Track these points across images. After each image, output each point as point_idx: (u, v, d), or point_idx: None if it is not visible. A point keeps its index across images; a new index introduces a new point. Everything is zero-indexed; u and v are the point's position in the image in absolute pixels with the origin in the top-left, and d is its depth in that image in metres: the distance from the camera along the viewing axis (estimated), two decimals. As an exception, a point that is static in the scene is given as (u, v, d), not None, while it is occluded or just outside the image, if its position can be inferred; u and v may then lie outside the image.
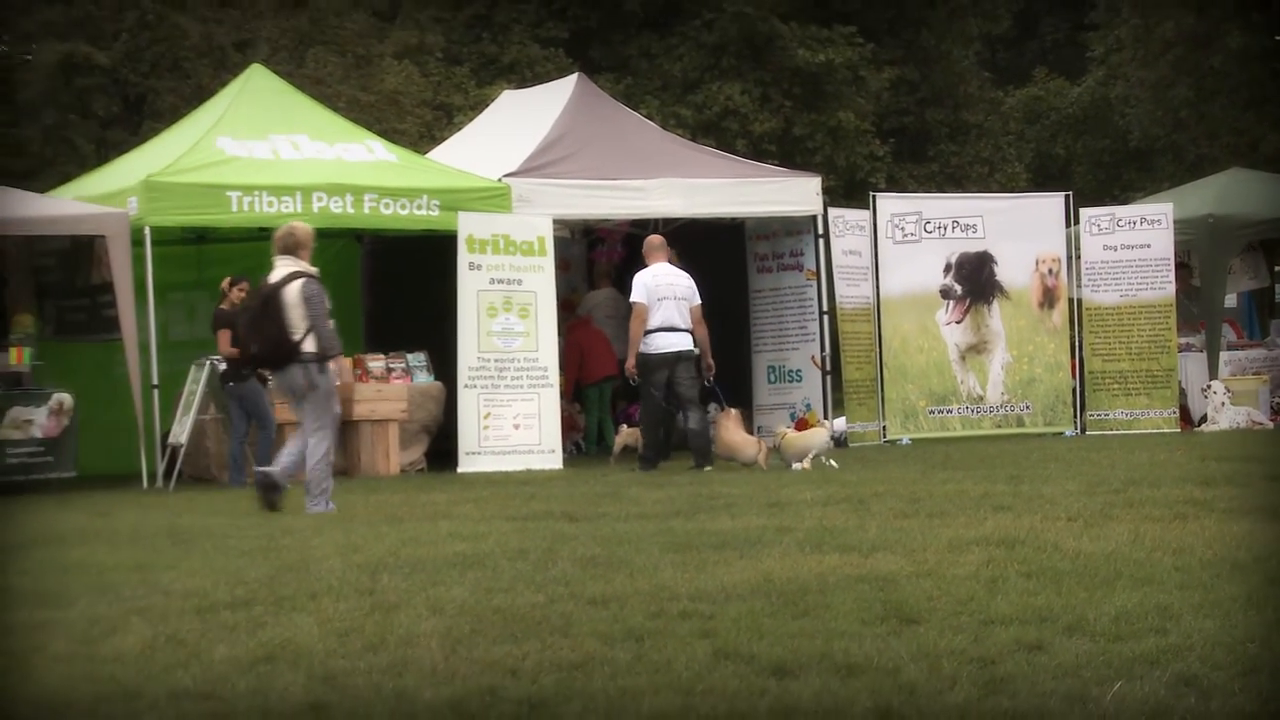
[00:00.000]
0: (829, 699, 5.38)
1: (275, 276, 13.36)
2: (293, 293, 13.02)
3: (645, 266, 17.17)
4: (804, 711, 5.23)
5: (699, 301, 17.08)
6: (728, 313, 20.17)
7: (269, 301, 13.19)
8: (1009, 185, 35.88)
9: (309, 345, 13.02)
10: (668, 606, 7.31)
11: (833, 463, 15.93)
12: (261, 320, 13.21)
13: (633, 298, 17.04)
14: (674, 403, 17.02)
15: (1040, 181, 37.83)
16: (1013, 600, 7.14)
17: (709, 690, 5.54)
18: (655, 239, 17.62)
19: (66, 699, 5.66)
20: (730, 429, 16.89)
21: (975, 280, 20.88)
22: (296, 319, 12.95)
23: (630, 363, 16.92)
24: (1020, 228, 21.27)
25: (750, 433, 17.77)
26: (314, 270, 13.43)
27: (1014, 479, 13.46)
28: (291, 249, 13.47)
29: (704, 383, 17.65)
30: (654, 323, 16.76)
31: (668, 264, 17.25)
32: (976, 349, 20.78)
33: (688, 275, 17.17)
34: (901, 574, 8.05)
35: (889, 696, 5.38)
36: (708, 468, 16.53)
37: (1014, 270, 20.94)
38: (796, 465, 15.86)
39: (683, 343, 16.86)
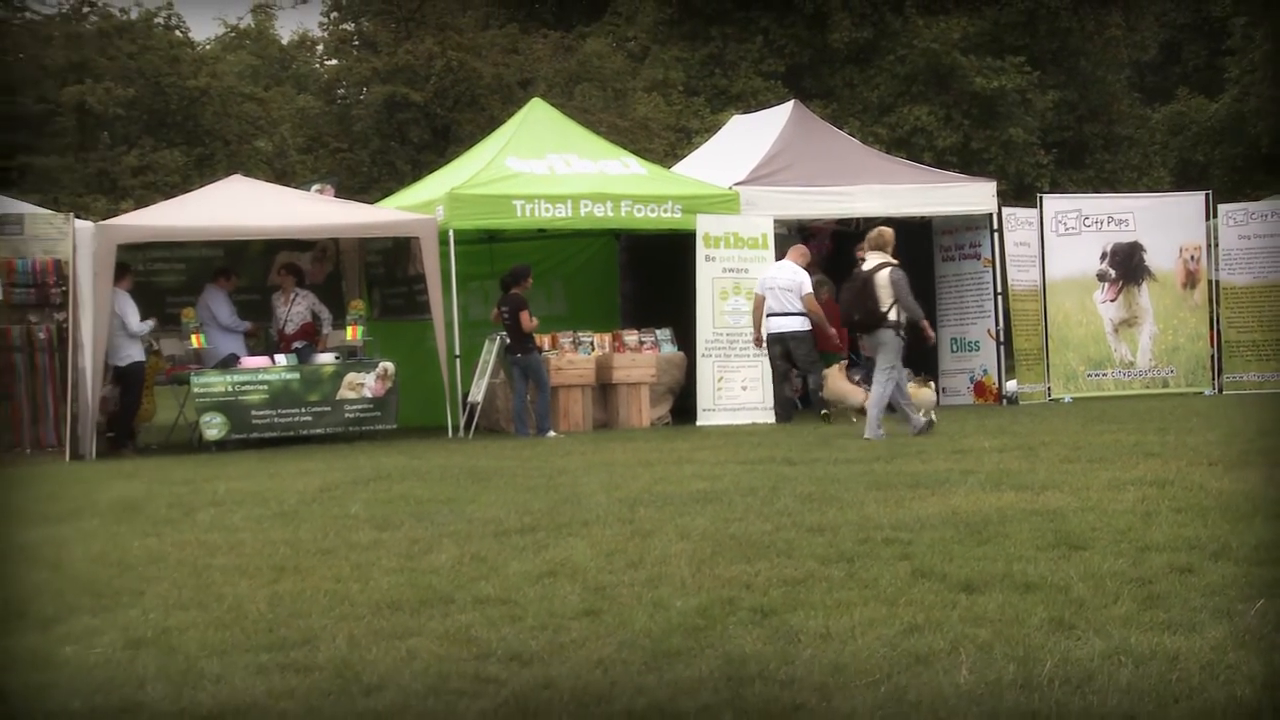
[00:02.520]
0: (1010, 610, 5.26)
1: (868, 266, 14.39)
2: (883, 277, 13.86)
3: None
4: (989, 620, 5.12)
5: (808, 291, 17.26)
6: (917, 295, 19.88)
7: (866, 283, 14.17)
8: (1155, 187, 34.99)
9: (893, 315, 14.04)
10: (872, 534, 7.23)
11: (933, 416, 16.01)
12: (861, 297, 14.18)
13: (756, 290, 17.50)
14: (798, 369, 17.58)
15: (1182, 184, 36.72)
16: (1165, 530, 6.93)
17: (909, 602, 5.46)
18: (797, 245, 18.06)
19: (396, 601, 5.75)
20: (838, 381, 17.16)
21: (1127, 266, 20.49)
22: (884, 296, 13.86)
23: (754, 336, 17.35)
24: (1166, 221, 20.77)
25: (936, 392, 17.71)
26: (896, 260, 14.20)
27: (1161, 430, 13.09)
28: (881, 246, 14.51)
29: (847, 356, 18.28)
30: (766, 309, 17.29)
31: (788, 261, 17.55)
32: (1128, 323, 20.33)
33: (795, 270, 17.38)
34: (1068, 508, 7.85)
35: (1061, 609, 5.25)
36: (824, 411, 16.91)
37: (1161, 257, 20.47)
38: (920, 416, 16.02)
39: (785, 324, 17.23)
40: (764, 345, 17.35)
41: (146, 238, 17.00)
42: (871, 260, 14.48)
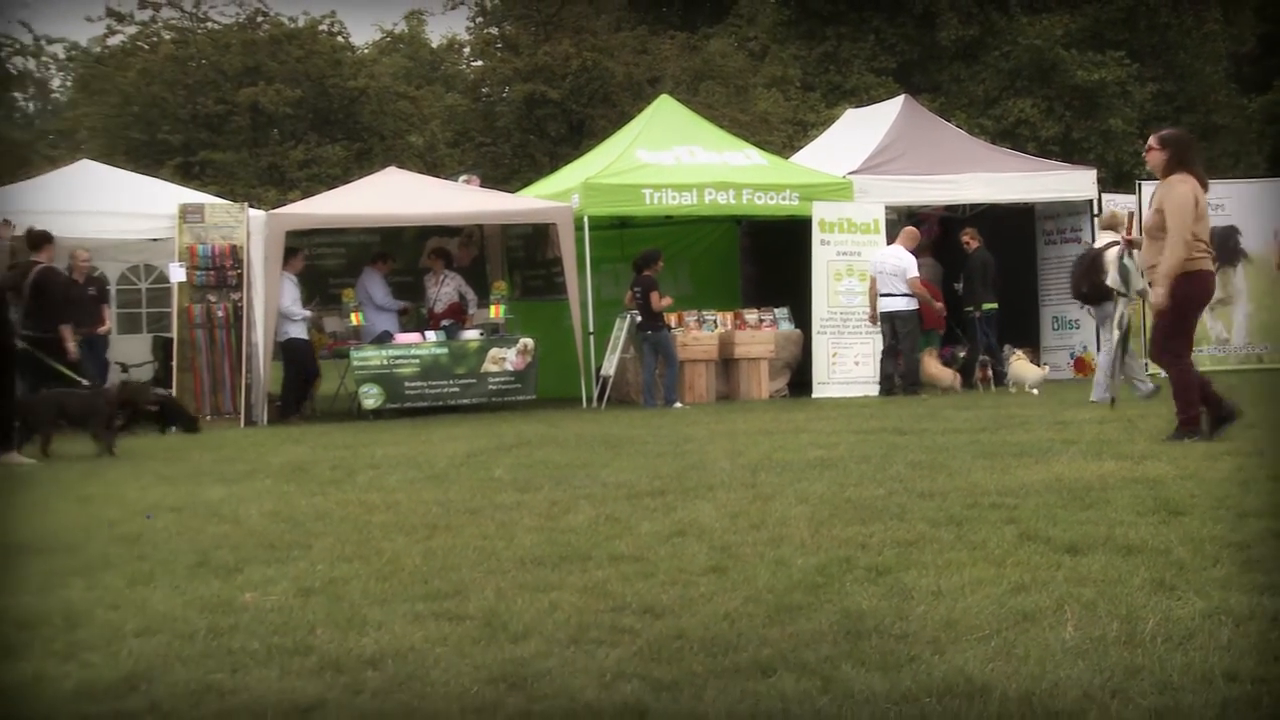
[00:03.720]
0: (1113, 571, 5.15)
1: (1099, 243, 14.62)
2: (1111, 254, 13.43)
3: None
4: (1093, 580, 5.02)
5: (913, 274, 17.22)
6: (1021, 276, 19.87)
7: (1095, 260, 14.36)
8: (1250, 174, 34.07)
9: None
10: (980, 499, 7.12)
11: (1035, 391, 15.78)
12: (1090, 271, 14.39)
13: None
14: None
15: (1277, 170, 35.82)
16: (1262, 498, 6.73)
17: (1016, 563, 5.37)
18: (907, 229, 18.00)
19: (538, 557, 5.78)
20: (931, 364, 17.47)
21: (1224, 248, 19.84)
22: (1111, 271, 13.51)
23: (870, 314, 17.49)
24: (1261, 206, 20.21)
25: (1038, 365, 17.50)
26: (1120, 238, 13.68)
27: (1255, 404, 12.74)
28: (1112, 225, 14.69)
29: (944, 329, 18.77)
30: (878, 290, 17.36)
31: (897, 245, 17.50)
32: (1223, 302, 19.74)
33: (902, 254, 17.33)
34: (1168, 476, 7.67)
35: (1162, 570, 5.12)
36: (915, 386, 17.11)
37: (1255, 240, 19.93)
38: (1030, 389, 16.21)
39: (892, 304, 17.22)
40: (878, 323, 17.38)
41: (311, 225, 17.29)
42: (1102, 239, 14.65)
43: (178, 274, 16.59)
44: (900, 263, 17.22)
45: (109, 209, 17.01)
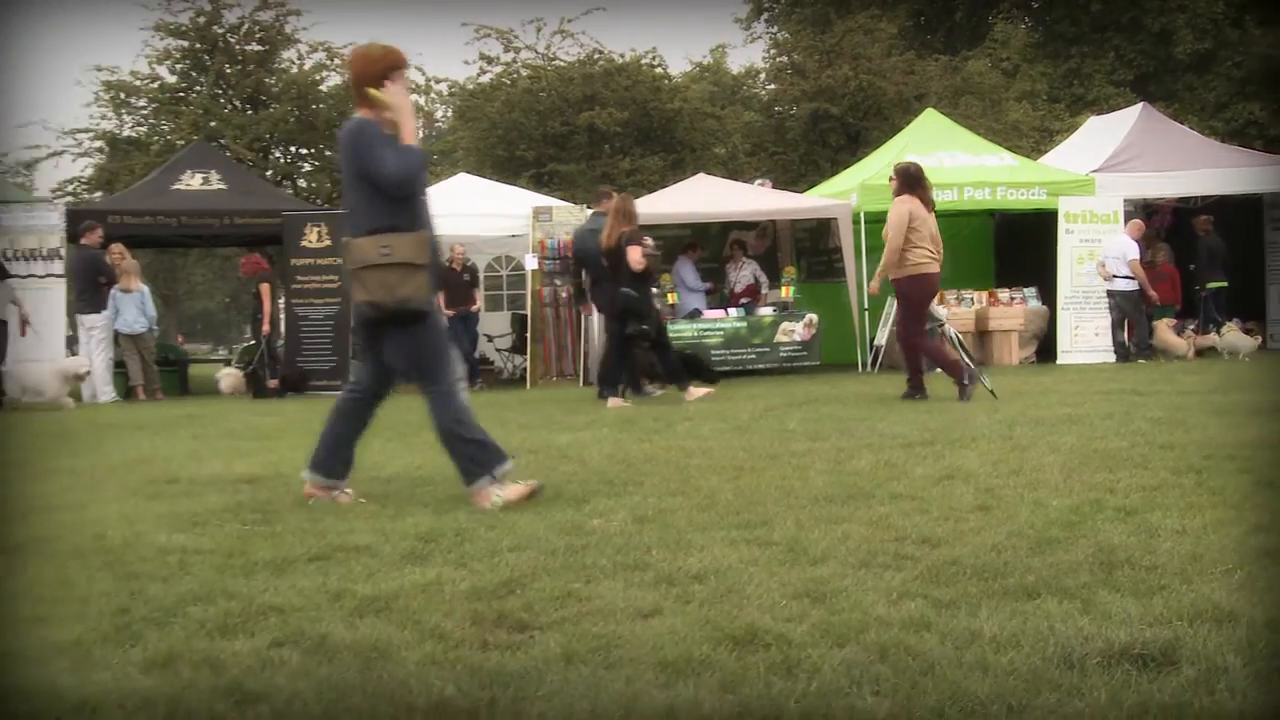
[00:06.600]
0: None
1: None
2: None
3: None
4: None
5: (1131, 257, 16.52)
6: (1250, 258, 18.86)
7: None
8: None
9: None
10: (1216, 451, 6.69)
11: (1247, 359, 14.93)
12: None
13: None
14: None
15: None
16: None
17: (1254, 506, 5.02)
18: (1134, 220, 17.25)
19: (829, 495, 5.70)
20: (1165, 333, 16.91)
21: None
22: None
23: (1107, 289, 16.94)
24: None
25: (1262, 336, 16.74)
26: None
27: None
28: None
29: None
30: (1108, 272, 16.73)
31: (1123, 234, 16.85)
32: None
33: (1125, 241, 16.68)
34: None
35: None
36: (1147, 351, 16.72)
37: None
38: (1243, 357, 15.61)
39: (1117, 285, 16.71)
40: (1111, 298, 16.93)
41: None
42: None
43: (531, 263, 17.15)
44: (1122, 248, 16.65)
45: (479, 212, 17.72)
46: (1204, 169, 18.04)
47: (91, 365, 15.93)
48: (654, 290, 13.18)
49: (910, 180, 11.27)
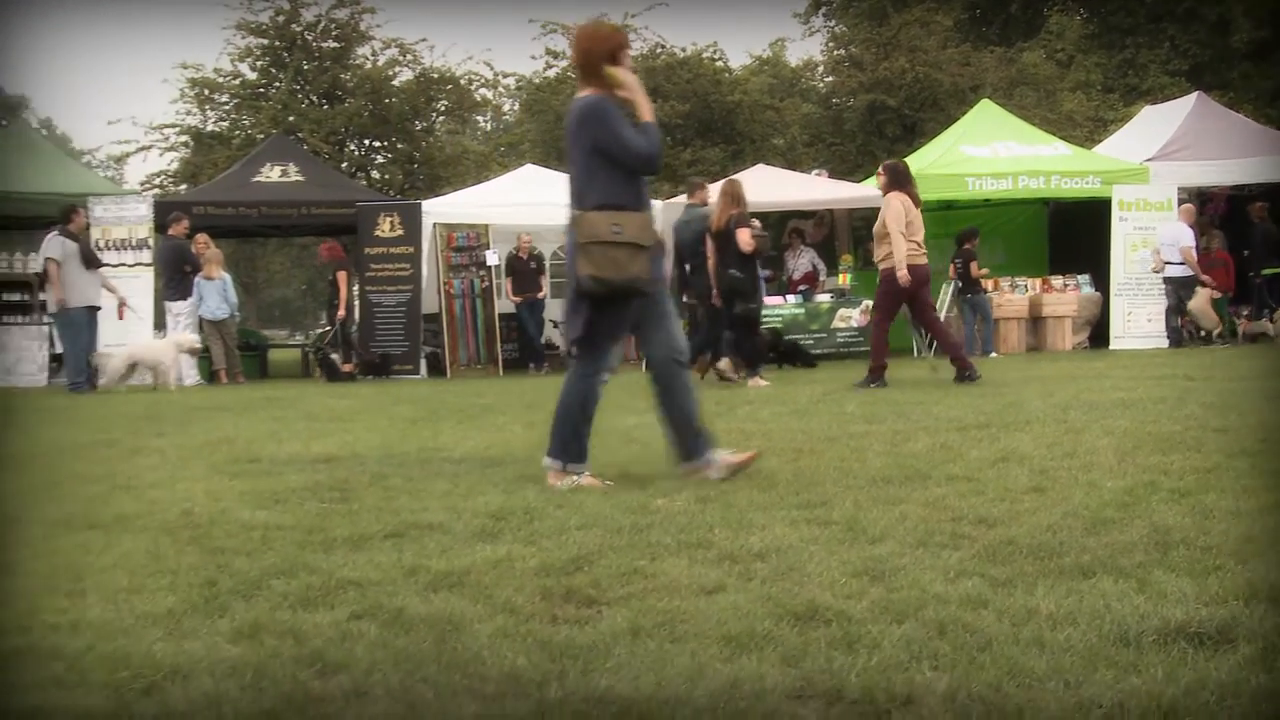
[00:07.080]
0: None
1: None
2: None
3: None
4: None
5: (1184, 244, 16.30)
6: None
7: None
8: None
9: None
10: (1270, 435, 6.57)
11: None
12: None
13: None
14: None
15: None
16: None
17: (1305, 490, 4.93)
18: (1185, 205, 17.02)
19: (886, 476, 5.65)
20: (1202, 302, 16.53)
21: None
22: None
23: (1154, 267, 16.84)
24: None
25: None
26: None
27: None
28: None
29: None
30: (1162, 259, 16.61)
31: (1175, 220, 16.62)
32: None
33: (1177, 228, 16.45)
34: None
35: None
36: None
37: None
38: None
39: (1171, 270, 16.48)
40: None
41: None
42: None
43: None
44: (1175, 235, 16.45)
45: (545, 201, 17.75)
46: (1259, 157, 17.70)
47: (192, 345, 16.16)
48: (763, 272, 13.25)
49: (899, 177, 11.64)
